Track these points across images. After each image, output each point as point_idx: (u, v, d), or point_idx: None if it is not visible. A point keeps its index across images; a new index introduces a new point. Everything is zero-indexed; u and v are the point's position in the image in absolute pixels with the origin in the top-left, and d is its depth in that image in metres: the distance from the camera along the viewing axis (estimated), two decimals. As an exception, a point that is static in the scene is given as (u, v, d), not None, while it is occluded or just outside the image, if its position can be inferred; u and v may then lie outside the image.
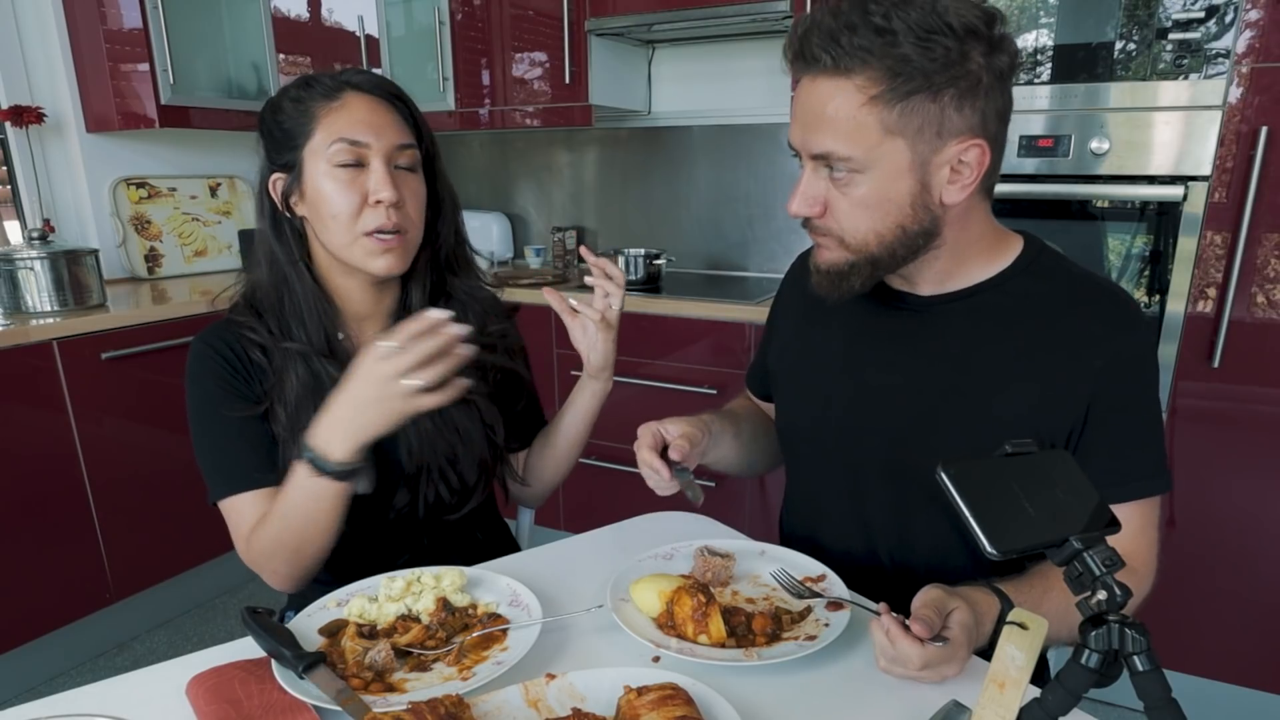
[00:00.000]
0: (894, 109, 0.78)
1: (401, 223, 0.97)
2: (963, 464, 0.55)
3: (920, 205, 0.83)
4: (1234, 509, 1.71)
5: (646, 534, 1.05)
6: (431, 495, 1.06)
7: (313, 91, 0.97)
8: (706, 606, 0.80)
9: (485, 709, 0.69)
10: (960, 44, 0.76)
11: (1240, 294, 1.62)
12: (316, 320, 1.02)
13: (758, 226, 2.64)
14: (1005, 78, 0.81)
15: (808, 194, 0.85)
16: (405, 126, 1.00)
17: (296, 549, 0.94)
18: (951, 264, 0.90)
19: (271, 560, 0.96)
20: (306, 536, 0.94)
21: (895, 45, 0.75)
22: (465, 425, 1.06)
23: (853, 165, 0.80)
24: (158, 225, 2.75)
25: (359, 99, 0.97)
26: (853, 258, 0.86)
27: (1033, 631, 0.56)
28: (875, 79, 0.77)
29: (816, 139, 0.81)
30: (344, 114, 0.96)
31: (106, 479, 2.14)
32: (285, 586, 1.00)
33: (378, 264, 0.98)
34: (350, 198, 0.95)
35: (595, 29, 2.36)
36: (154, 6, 2.38)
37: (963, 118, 0.79)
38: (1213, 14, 1.53)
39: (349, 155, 0.95)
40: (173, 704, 0.73)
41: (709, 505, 1.02)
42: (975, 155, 0.81)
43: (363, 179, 0.96)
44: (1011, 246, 0.93)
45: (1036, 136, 1.71)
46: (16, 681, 2.05)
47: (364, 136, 0.95)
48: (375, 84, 0.99)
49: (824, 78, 0.80)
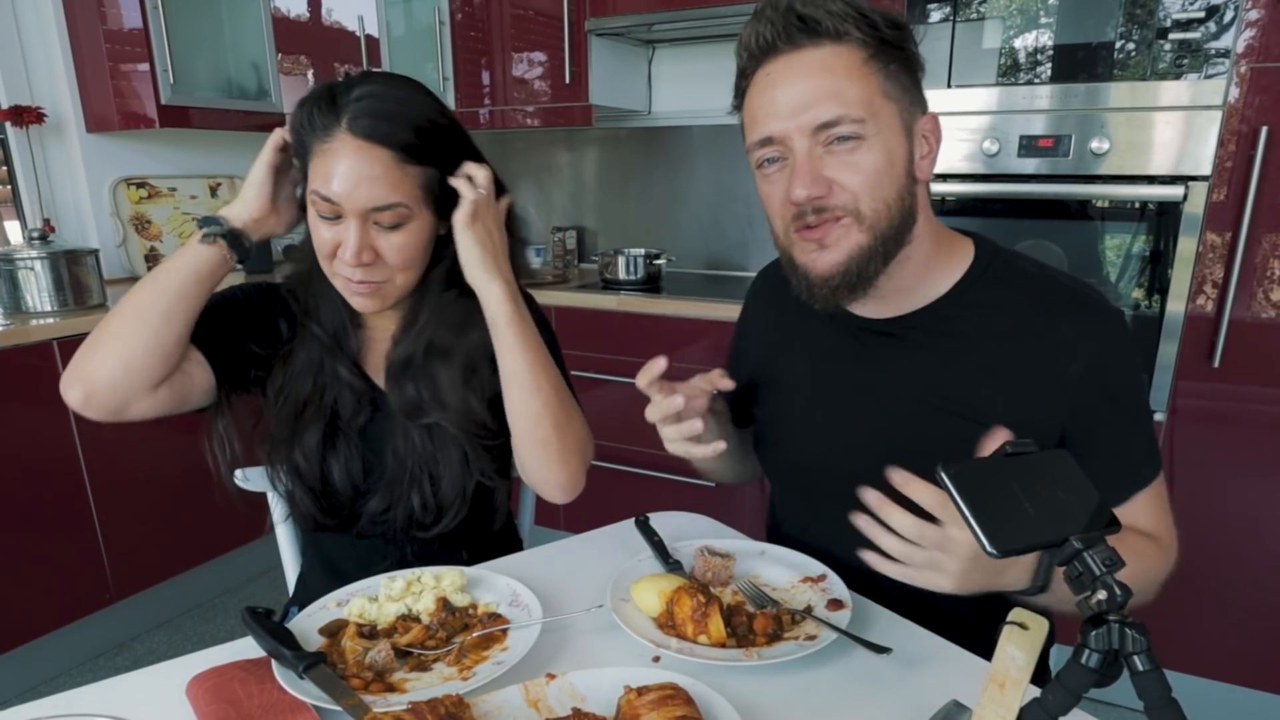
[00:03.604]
0: (884, 73, 0.81)
1: (373, 276, 0.94)
2: (963, 464, 0.55)
3: (909, 175, 0.84)
4: (1234, 509, 1.71)
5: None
6: (407, 506, 1.05)
7: (314, 120, 0.91)
8: (706, 606, 0.80)
9: (485, 709, 0.69)
10: (906, 24, 0.82)
11: (1240, 294, 1.62)
12: (330, 313, 1.03)
13: (758, 226, 2.64)
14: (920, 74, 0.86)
15: (812, 172, 0.81)
16: (400, 176, 0.91)
17: (119, 317, 0.92)
18: (915, 272, 0.88)
19: (86, 342, 0.93)
20: (149, 307, 0.92)
21: (867, 17, 0.80)
22: (446, 445, 1.03)
23: (862, 129, 0.80)
24: (158, 225, 2.75)
25: (349, 147, 0.89)
26: (868, 239, 0.83)
27: (1033, 631, 0.56)
28: (864, 43, 0.80)
29: (820, 108, 0.79)
30: (328, 162, 0.90)
31: (106, 479, 2.14)
32: (80, 379, 0.92)
33: (355, 303, 0.98)
34: (326, 242, 0.93)
35: (595, 29, 2.36)
36: (154, 6, 2.38)
37: (919, 92, 0.85)
38: (1213, 14, 1.53)
39: (325, 209, 0.91)
40: (173, 704, 0.73)
41: (709, 505, 1.02)
42: (932, 127, 0.86)
43: (339, 229, 0.92)
44: (962, 250, 0.91)
45: (1036, 136, 1.71)
46: (16, 681, 2.05)
47: (339, 194, 0.89)
48: (376, 130, 0.89)
49: (814, 46, 0.80)
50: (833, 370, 0.96)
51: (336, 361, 1.03)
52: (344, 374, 1.03)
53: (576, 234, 2.91)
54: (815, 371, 0.98)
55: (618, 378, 2.28)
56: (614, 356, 2.28)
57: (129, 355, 0.91)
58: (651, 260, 2.45)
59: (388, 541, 1.08)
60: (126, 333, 0.92)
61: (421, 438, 1.03)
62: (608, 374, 2.29)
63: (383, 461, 1.04)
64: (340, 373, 1.03)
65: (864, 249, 0.83)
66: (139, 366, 0.92)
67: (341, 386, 1.04)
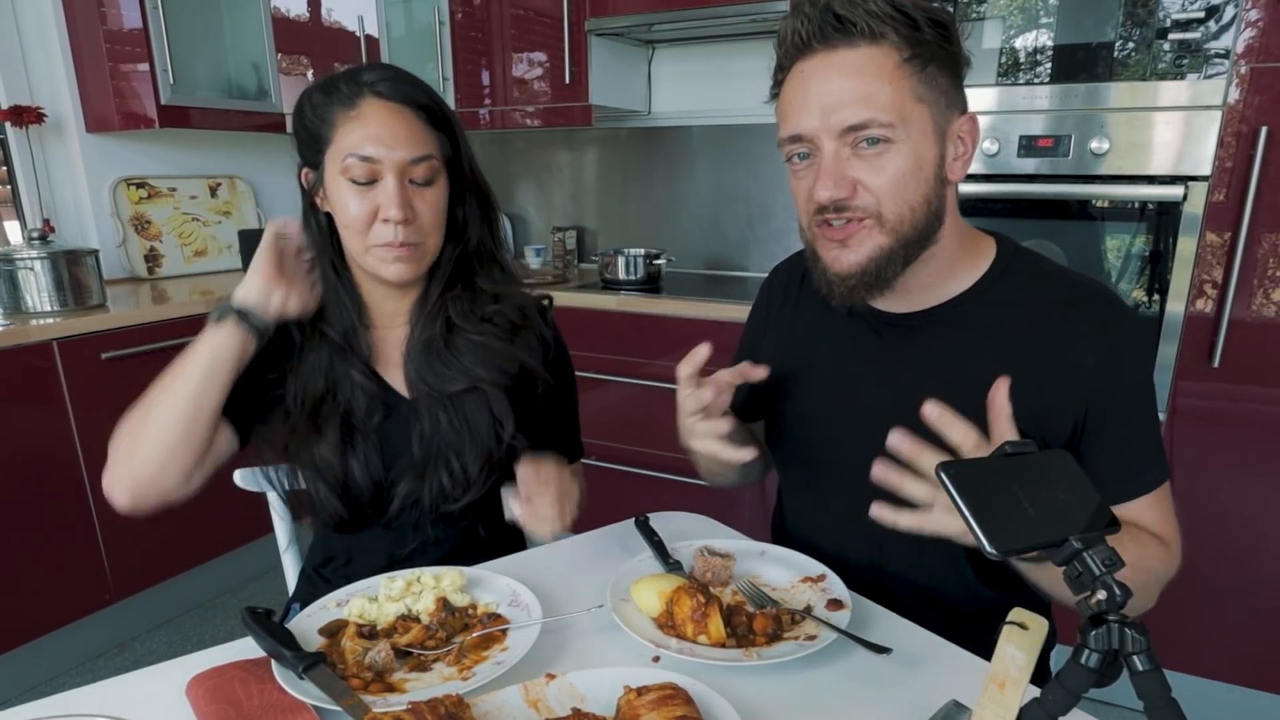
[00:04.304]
0: (919, 76, 0.80)
1: (412, 237, 0.97)
2: (962, 464, 0.55)
3: (939, 179, 0.84)
4: (1234, 509, 1.71)
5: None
6: (436, 485, 1.05)
7: (333, 98, 0.96)
8: (706, 606, 0.80)
9: (485, 709, 0.69)
10: (951, 23, 0.81)
11: (1240, 294, 1.62)
12: (338, 314, 1.03)
13: (758, 226, 2.64)
14: (965, 70, 0.86)
15: (838, 173, 0.82)
16: (426, 134, 0.97)
17: (152, 419, 0.92)
18: (939, 269, 0.90)
19: (120, 440, 0.94)
20: (170, 401, 0.92)
21: (909, 16, 0.79)
22: (474, 415, 1.05)
23: (891, 133, 0.80)
24: (158, 225, 2.75)
25: (377, 108, 0.95)
26: (890, 241, 0.84)
27: (1033, 631, 0.56)
28: (901, 45, 0.79)
29: (850, 110, 0.80)
30: (359, 126, 0.94)
31: (106, 479, 2.14)
32: (123, 485, 0.94)
33: (390, 270, 0.98)
34: (362, 211, 0.95)
35: (595, 29, 2.36)
36: (154, 6, 2.38)
37: (958, 93, 0.84)
38: (1213, 14, 1.53)
39: (361, 171, 0.94)
40: (173, 704, 0.73)
41: (709, 505, 1.02)
42: (969, 129, 0.85)
43: (375, 193, 0.95)
44: (985, 248, 0.93)
45: (1036, 136, 1.71)
46: (16, 681, 2.05)
47: (376, 152, 0.94)
48: (398, 90, 0.96)
49: (849, 47, 0.80)
50: (852, 363, 0.97)
51: (348, 364, 1.03)
52: (356, 376, 1.03)
53: (576, 234, 2.91)
54: (835, 364, 0.98)
55: (618, 378, 2.28)
56: (614, 356, 2.28)
57: (166, 453, 0.92)
58: (651, 260, 2.45)
59: (413, 526, 1.08)
60: (161, 431, 0.92)
61: (448, 417, 1.04)
62: (608, 374, 2.29)
63: (408, 452, 1.05)
64: (353, 375, 1.03)
65: (885, 251, 0.84)
66: (177, 460, 0.93)
67: (354, 388, 1.04)
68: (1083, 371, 0.85)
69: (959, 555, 0.93)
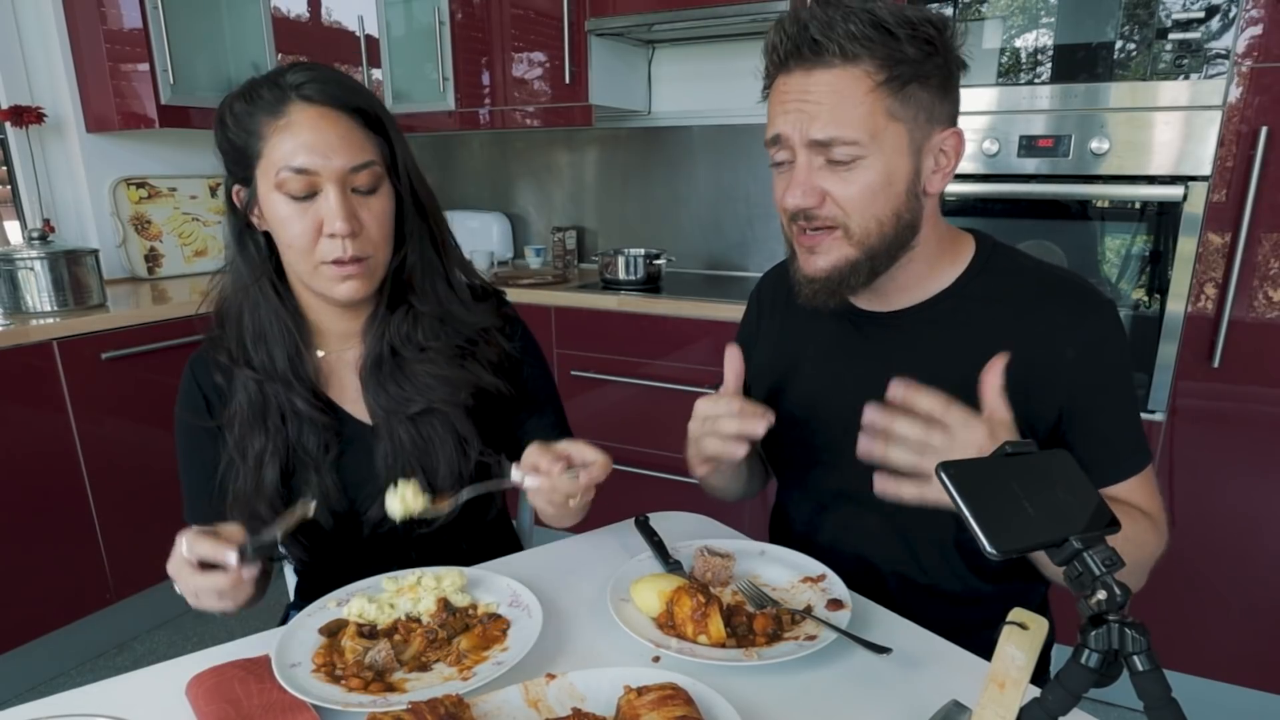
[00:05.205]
0: (895, 96, 0.81)
1: (361, 250, 0.90)
2: (962, 464, 0.55)
3: (912, 193, 0.85)
4: (1233, 509, 1.71)
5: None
6: None
7: (256, 106, 0.87)
8: (706, 606, 0.80)
9: (485, 709, 0.69)
10: (940, 35, 0.81)
11: (1240, 294, 1.62)
12: (279, 340, 0.96)
13: (758, 226, 2.64)
14: (959, 74, 0.86)
15: (807, 183, 0.84)
16: (364, 138, 0.89)
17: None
18: (918, 271, 0.92)
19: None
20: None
21: (891, 34, 0.79)
22: (438, 433, 1.00)
23: (859, 150, 0.81)
24: (158, 225, 2.75)
25: (306, 114, 0.86)
26: (855, 253, 0.86)
27: (1033, 631, 0.56)
28: (878, 66, 0.80)
29: (820, 125, 0.81)
30: (289, 135, 0.86)
31: (106, 479, 2.14)
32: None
33: (340, 290, 0.92)
34: (304, 228, 0.88)
35: (595, 29, 2.36)
36: (154, 6, 2.38)
37: (942, 107, 0.84)
38: (1213, 14, 1.53)
39: (298, 185, 0.87)
40: (173, 704, 0.74)
41: (709, 505, 1.02)
42: (953, 144, 0.86)
43: (316, 207, 0.88)
44: (965, 247, 0.95)
45: (1036, 136, 1.71)
46: (16, 681, 2.05)
47: (311, 162, 0.86)
48: (325, 92, 0.87)
49: (824, 68, 0.81)
50: (839, 363, 0.98)
51: (291, 393, 0.96)
52: (302, 407, 0.96)
53: (576, 234, 2.91)
54: (822, 365, 1.00)
55: (618, 378, 2.27)
56: (614, 356, 2.28)
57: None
58: (651, 260, 2.45)
59: (389, 547, 1.05)
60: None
61: (410, 433, 0.99)
62: (608, 374, 2.28)
63: (373, 477, 0.99)
64: (297, 405, 0.96)
65: (849, 262, 0.87)
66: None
67: (301, 423, 0.97)
68: (1063, 363, 0.87)
69: (951, 549, 0.94)
